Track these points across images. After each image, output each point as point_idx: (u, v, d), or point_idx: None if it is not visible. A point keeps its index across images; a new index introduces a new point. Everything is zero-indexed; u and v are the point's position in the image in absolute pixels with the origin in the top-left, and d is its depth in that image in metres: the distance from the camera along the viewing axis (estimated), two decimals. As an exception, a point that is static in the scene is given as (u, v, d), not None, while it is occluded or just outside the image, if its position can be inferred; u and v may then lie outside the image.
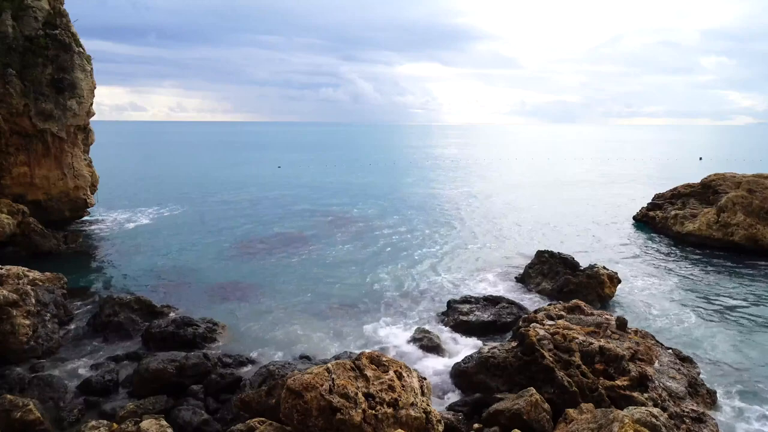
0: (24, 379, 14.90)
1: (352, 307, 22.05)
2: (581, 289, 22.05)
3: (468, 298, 21.53)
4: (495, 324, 19.34)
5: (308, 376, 10.93)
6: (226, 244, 32.64)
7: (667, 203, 37.98)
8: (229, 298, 22.92)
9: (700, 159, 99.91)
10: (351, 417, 10.31)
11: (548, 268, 24.33)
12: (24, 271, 19.18)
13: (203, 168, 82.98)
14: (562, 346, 14.36)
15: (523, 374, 14.23)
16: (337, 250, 31.10)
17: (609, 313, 17.65)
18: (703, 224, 32.41)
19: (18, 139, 31.34)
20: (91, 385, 14.89)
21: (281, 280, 25.43)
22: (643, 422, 10.42)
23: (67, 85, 31.88)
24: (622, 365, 13.67)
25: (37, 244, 28.56)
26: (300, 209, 44.58)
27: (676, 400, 13.26)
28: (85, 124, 34.99)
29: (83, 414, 13.83)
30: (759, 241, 29.97)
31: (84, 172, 34.46)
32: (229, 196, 51.73)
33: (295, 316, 20.95)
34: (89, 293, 23.21)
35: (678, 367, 14.81)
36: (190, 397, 14.37)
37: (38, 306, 18.10)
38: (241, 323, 20.08)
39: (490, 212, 44.14)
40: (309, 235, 35.24)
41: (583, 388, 13.20)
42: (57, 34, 31.72)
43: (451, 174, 76.60)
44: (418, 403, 11.23)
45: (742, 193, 31.75)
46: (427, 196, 53.72)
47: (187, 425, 12.92)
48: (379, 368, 11.75)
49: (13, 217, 28.82)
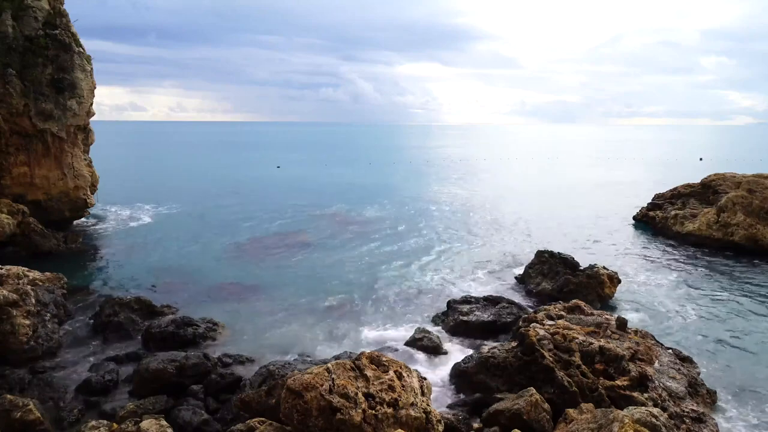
0: (24, 379, 14.91)
1: (352, 307, 22.07)
2: (581, 289, 22.05)
3: (468, 298, 21.52)
4: (495, 324, 19.33)
5: (308, 376, 10.92)
6: (226, 244, 32.65)
7: (667, 203, 37.98)
8: (229, 298, 22.93)
9: (701, 159, 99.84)
10: (351, 417, 10.31)
11: (548, 268, 24.33)
12: (24, 271, 19.19)
13: (203, 168, 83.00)
14: (562, 346, 14.36)
15: (523, 374, 14.23)
16: (336, 250, 31.10)
17: (609, 313, 17.66)
18: (703, 224, 32.42)
19: (18, 139, 31.33)
20: (91, 385, 14.89)
21: (281, 280, 25.42)
22: (643, 422, 10.42)
23: (67, 85, 31.89)
24: (622, 365, 13.68)
25: (37, 244, 28.56)
26: (300, 209, 44.58)
27: (676, 400, 13.26)
28: (85, 124, 34.99)
29: (83, 414, 13.84)
30: (759, 241, 29.98)
31: (84, 172, 34.46)
32: (228, 197, 51.74)
33: (295, 316, 20.96)
34: (89, 293, 23.21)
35: (678, 367, 14.81)
36: (190, 397, 14.37)
37: (38, 306, 18.10)
38: (241, 323, 20.07)
39: (490, 212, 44.14)
40: (309, 235, 35.25)
41: (583, 388, 13.20)
42: (57, 34, 31.71)
43: (451, 174, 76.61)
44: (418, 403, 11.23)
45: (742, 193, 31.76)
46: (427, 196, 53.75)
47: (187, 425, 12.92)
48: (379, 368, 11.75)
49: (13, 217, 28.83)
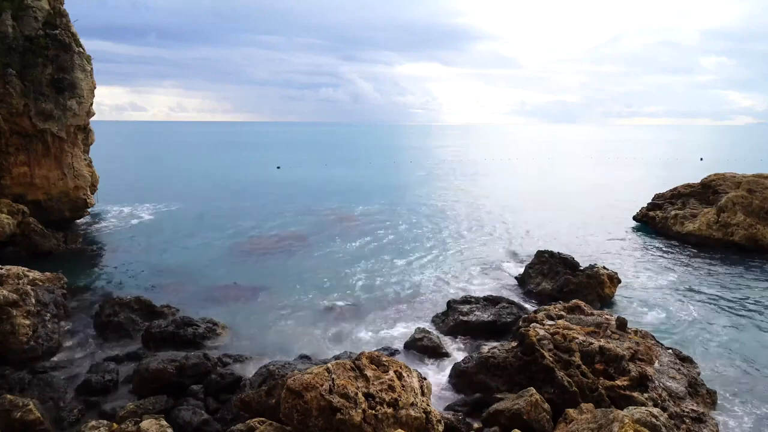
0: (24, 379, 14.90)
1: (352, 306, 22.06)
2: (581, 289, 22.05)
3: (468, 298, 21.50)
4: (495, 324, 19.32)
5: (308, 376, 10.92)
6: (226, 244, 32.65)
7: (667, 203, 37.97)
8: (229, 298, 22.93)
9: (701, 160, 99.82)
10: (351, 417, 10.31)
11: (548, 268, 24.32)
12: (24, 271, 19.18)
13: (203, 168, 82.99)
14: (562, 346, 14.36)
15: (523, 374, 14.23)
16: (336, 250, 31.10)
17: (609, 313, 17.66)
18: (703, 224, 32.42)
19: (18, 139, 31.34)
20: (91, 385, 14.89)
21: (281, 280, 25.42)
22: (643, 422, 10.42)
23: (67, 85, 31.89)
24: (622, 365, 13.67)
25: (37, 244, 28.56)
26: (300, 209, 44.58)
27: (676, 400, 13.25)
28: (85, 124, 35.00)
29: (83, 414, 13.84)
30: (759, 241, 29.98)
31: (84, 172, 34.46)
32: (228, 197, 51.72)
33: (296, 316, 20.97)
34: (89, 293, 23.21)
35: (678, 367, 14.80)
36: (190, 397, 14.37)
37: (38, 306, 18.10)
38: (241, 323, 20.07)
39: (490, 212, 44.11)
40: (309, 235, 35.25)
41: (583, 388, 13.20)
42: (57, 34, 31.72)
43: (451, 174, 76.61)
44: (418, 403, 11.23)
45: (742, 193, 31.76)
46: (428, 196, 53.73)
47: (187, 425, 12.92)
48: (379, 368, 11.75)
49: (13, 217, 28.83)
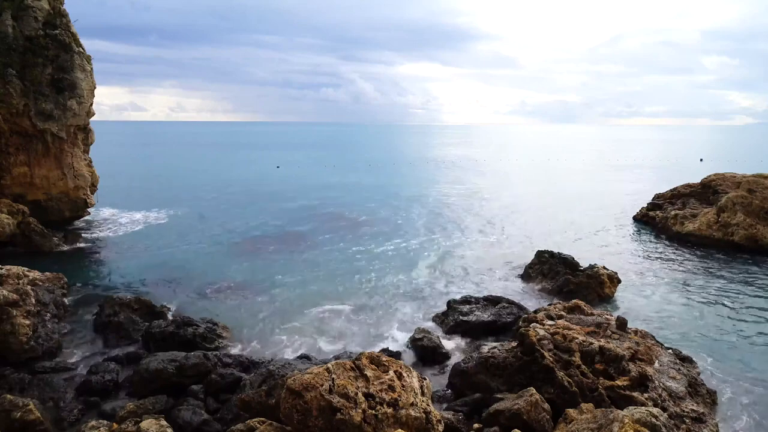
0: (24, 379, 14.92)
1: (352, 306, 22.06)
2: (581, 289, 22.07)
3: (468, 298, 21.52)
4: (495, 324, 19.32)
5: (308, 376, 10.92)
6: (226, 244, 32.65)
7: (667, 203, 37.99)
8: (229, 298, 22.94)
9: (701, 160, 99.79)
10: (351, 417, 10.30)
11: (548, 268, 24.34)
12: (24, 271, 19.19)
13: (203, 168, 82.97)
14: (562, 346, 14.36)
15: (523, 374, 14.22)
16: (336, 250, 31.10)
17: (609, 313, 17.66)
18: (703, 224, 32.42)
19: (18, 139, 31.34)
20: (91, 385, 14.89)
21: (281, 279, 25.43)
22: (643, 422, 10.42)
23: (67, 85, 31.88)
24: (622, 365, 13.67)
25: (37, 244, 28.57)
26: (300, 209, 44.59)
27: (676, 400, 13.25)
28: (85, 124, 34.98)
29: (83, 414, 13.85)
30: (759, 241, 29.97)
31: (84, 172, 34.45)
32: (228, 197, 51.74)
33: (295, 316, 20.96)
34: (89, 293, 23.20)
35: (678, 367, 14.80)
36: (190, 397, 14.37)
37: (38, 306, 18.11)
38: (241, 323, 20.08)
39: (490, 212, 44.13)
40: (309, 235, 35.25)
41: (583, 388, 13.19)
42: (57, 34, 31.72)
43: (451, 174, 76.60)
44: (418, 403, 11.22)
45: (742, 193, 31.75)
46: (428, 196, 53.73)
47: (187, 425, 12.92)
48: (379, 368, 11.74)
49: (13, 217, 28.83)
